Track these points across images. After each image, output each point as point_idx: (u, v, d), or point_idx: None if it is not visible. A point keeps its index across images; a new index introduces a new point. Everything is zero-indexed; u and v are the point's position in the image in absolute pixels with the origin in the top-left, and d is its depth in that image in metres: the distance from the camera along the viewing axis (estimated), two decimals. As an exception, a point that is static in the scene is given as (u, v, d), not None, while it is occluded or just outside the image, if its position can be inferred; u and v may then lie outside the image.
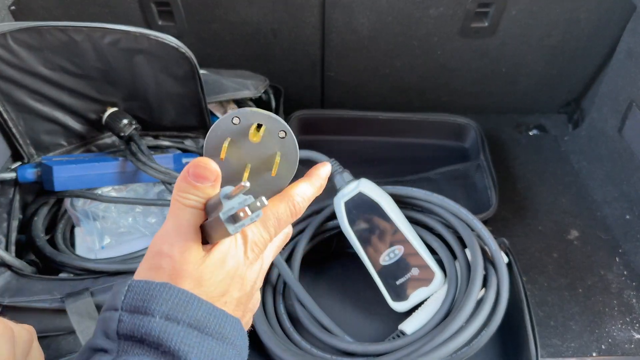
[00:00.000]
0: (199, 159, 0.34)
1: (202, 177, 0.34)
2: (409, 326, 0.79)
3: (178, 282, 0.31)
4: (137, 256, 0.83)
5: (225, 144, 0.35)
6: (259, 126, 0.35)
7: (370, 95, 1.25)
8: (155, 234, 0.34)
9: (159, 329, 0.28)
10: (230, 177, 0.36)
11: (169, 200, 0.95)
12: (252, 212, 0.31)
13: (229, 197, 0.32)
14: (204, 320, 0.29)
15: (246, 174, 0.36)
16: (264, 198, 0.31)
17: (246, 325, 0.38)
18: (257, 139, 0.35)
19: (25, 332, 0.39)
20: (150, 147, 0.94)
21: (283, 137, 0.36)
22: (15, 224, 0.84)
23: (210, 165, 0.34)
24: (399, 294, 0.83)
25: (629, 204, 0.98)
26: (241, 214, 0.31)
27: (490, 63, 1.15)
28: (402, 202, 0.90)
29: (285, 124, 0.36)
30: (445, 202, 0.88)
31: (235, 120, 0.35)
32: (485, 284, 0.80)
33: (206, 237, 0.35)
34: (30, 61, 0.79)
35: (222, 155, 0.35)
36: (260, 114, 0.35)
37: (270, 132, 0.35)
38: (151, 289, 0.29)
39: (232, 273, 0.34)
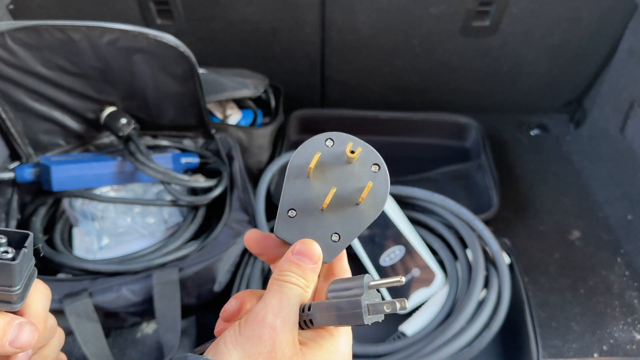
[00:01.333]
0: (306, 240, 0.34)
1: (306, 255, 0.33)
2: (409, 327, 0.79)
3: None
4: (135, 257, 0.83)
5: (317, 156, 0.32)
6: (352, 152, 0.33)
7: (370, 95, 1.24)
8: (257, 305, 0.32)
9: None
10: (309, 200, 0.33)
11: (168, 201, 0.95)
12: (395, 309, 0.28)
13: (369, 287, 0.30)
14: None
15: (329, 198, 0.32)
16: (406, 301, 0.29)
17: None
18: (355, 155, 0.32)
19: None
20: (149, 147, 0.94)
21: (375, 172, 0.33)
22: (13, 224, 0.84)
23: (315, 247, 0.33)
24: (400, 294, 0.82)
25: (630, 204, 0.98)
26: (385, 308, 0.29)
27: (491, 62, 1.14)
28: (403, 202, 0.90)
29: (381, 157, 0.34)
30: (446, 202, 0.87)
31: (329, 143, 0.33)
32: (486, 284, 0.79)
33: (308, 319, 0.32)
34: (28, 60, 0.79)
35: (312, 165, 0.32)
36: (356, 140, 0.33)
37: (363, 162, 0.33)
38: None
39: None
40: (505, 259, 0.81)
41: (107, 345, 0.77)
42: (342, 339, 0.33)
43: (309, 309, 0.32)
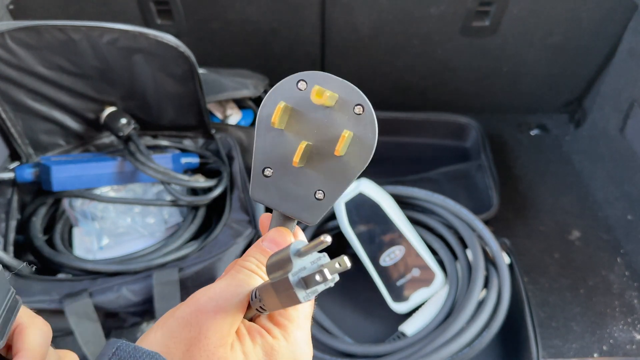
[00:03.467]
0: (281, 228, 0.30)
1: (277, 243, 0.30)
2: (409, 327, 0.79)
3: (194, 352, 0.26)
4: (135, 257, 0.83)
5: (280, 106, 0.27)
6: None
7: (370, 95, 1.22)
8: (206, 286, 0.29)
9: None
10: (284, 155, 0.28)
11: (168, 201, 0.95)
12: (331, 275, 0.24)
13: (300, 254, 0.25)
14: None
15: (299, 152, 0.27)
16: (345, 258, 0.25)
17: None
18: (322, 99, 0.27)
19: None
20: (149, 147, 0.94)
21: (359, 114, 0.28)
22: (13, 224, 0.84)
23: (287, 235, 0.30)
24: (400, 294, 0.83)
25: (630, 204, 0.98)
26: (317, 277, 0.24)
27: (491, 62, 1.14)
28: (403, 202, 0.90)
29: (364, 97, 0.28)
30: (446, 202, 0.87)
31: (301, 85, 0.28)
32: (486, 284, 0.79)
33: (259, 306, 0.28)
34: (28, 60, 0.79)
35: (274, 119, 0.27)
36: (333, 79, 0.28)
37: (343, 105, 0.27)
38: (137, 355, 0.25)
39: None
40: (505, 259, 0.81)
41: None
42: (287, 341, 0.28)
43: (257, 295, 0.28)
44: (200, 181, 0.90)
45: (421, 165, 1.11)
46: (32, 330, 0.31)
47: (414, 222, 0.88)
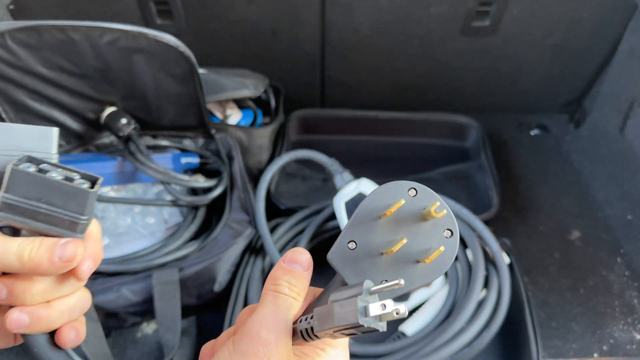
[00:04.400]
0: (297, 248, 0.34)
1: (297, 262, 0.33)
2: (409, 327, 0.79)
3: None
4: (135, 257, 0.83)
5: (401, 202, 0.31)
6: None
7: (370, 95, 1.24)
8: (250, 318, 0.32)
9: None
10: (373, 241, 0.32)
11: (168, 201, 0.95)
12: (395, 315, 0.27)
13: (369, 289, 0.29)
14: None
15: (398, 246, 0.31)
16: (404, 306, 0.28)
17: None
18: (438, 215, 0.31)
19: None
20: (149, 147, 0.94)
21: (447, 237, 0.32)
22: (13, 224, 0.84)
23: (306, 254, 0.34)
24: (400, 294, 0.82)
25: (630, 204, 0.98)
26: (381, 307, 0.27)
27: (491, 62, 1.14)
28: (403, 202, 0.90)
29: (456, 224, 0.32)
30: (446, 202, 0.87)
31: (411, 192, 0.32)
32: (486, 284, 0.79)
33: (305, 328, 0.31)
34: (28, 60, 0.79)
35: (391, 209, 0.31)
36: (439, 199, 0.32)
37: (437, 224, 0.32)
38: None
39: None
40: (505, 259, 0.81)
41: (107, 345, 0.77)
42: (335, 353, 0.32)
43: (312, 318, 0.31)
44: (200, 181, 0.90)
45: (421, 165, 1.11)
46: (93, 222, 0.35)
47: (414, 222, 0.88)
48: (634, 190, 0.98)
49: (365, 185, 0.85)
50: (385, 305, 0.28)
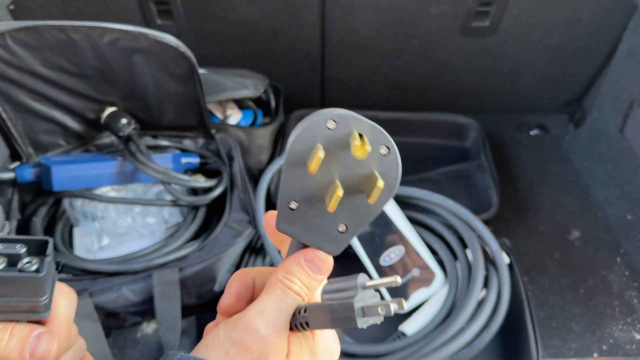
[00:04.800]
0: (319, 251, 0.32)
1: (318, 267, 0.32)
2: (409, 327, 0.79)
3: None
4: (136, 257, 0.83)
5: (320, 155, 0.28)
6: (360, 136, 0.29)
7: (370, 95, 1.24)
8: (251, 307, 0.31)
9: None
10: (312, 191, 0.30)
11: (168, 201, 0.95)
12: (390, 311, 0.27)
13: (364, 286, 0.28)
14: None
15: (335, 200, 0.29)
16: (404, 302, 0.27)
17: None
18: (362, 154, 0.28)
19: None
20: (149, 147, 0.94)
21: (385, 155, 0.29)
22: (13, 224, 0.84)
23: (330, 260, 0.32)
24: (400, 294, 0.83)
25: (630, 204, 0.98)
26: (380, 311, 0.27)
27: (491, 62, 1.14)
28: (403, 202, 0.90)
29: (390, 139, 0.29)
30: (446, 202, 0.87)
31: (331, 125, 0.28)
32: (486, 284, 0.79)
33: (300, 322, 0.30)
34: (29, 60, 0.79)
35: (314, 167, 0.28)
36: (363, 121, 0.29)
37: (370, 144, 0.29)
38: None
39: None
40: (504, 258, 0.81)
41: (107, 345, 0.77)
42: (325, 338, 0.32)
43: (305, 311, 0.30)
44: (200, 181, 0.90)
45: (421, 165, 1.11)
46: (60, 300, 0.32)
47: (414, 222, 0.88)
48: (633, 190, 0.98)
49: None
50: (383, 308, 0.27)
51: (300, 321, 0.30)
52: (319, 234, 0.31)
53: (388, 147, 0.29)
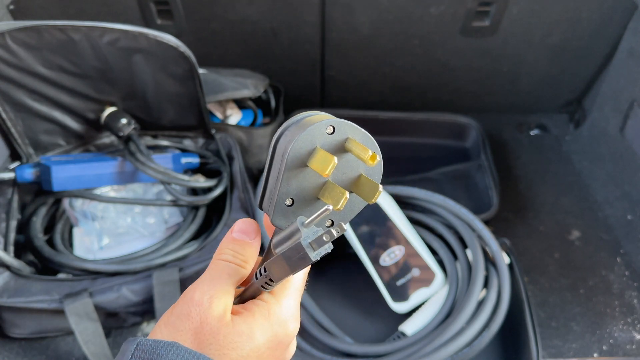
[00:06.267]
0: (245, 219, 0.35)
1: (245, 232, 0.35)
2: (409, 327, 0.79)
3: (201, 337, 0.30)
4: (136, 257, 0.83)
5: (335, 162, 0.30)
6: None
7: (370, 95, 1.24)
8: (194, 283, 0.33)
9: None
10: (306, 189, 0.33)
11: (168, 201, 0.95)
12: (333, 235, 0.29)
13: (305, 226, 0.30)
14: None
15: (344, 200, 0.31)
16: (342, 224, 0.29)
17: None
18: (374, 161, 0.31)
19: None
20: (149, 147, 0.94)
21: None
22: (13, 224, 0.84)
23: (252, 224, 0.36)
24: (400, 294, 0.83)
25: (630, 204, 0.98)
26: (325, 238, 0.29)
27: (491, 62, 1.14)
28: (403, 202, 0.90)
29: (377, 144, 0.33)
30: (446, 202, 0.87)
31: (329, 130, 0.31)
32: (486, 284, 0.79)
33: (265, 282, 0.33)
34: (28, 60, 0.79)
35: (329, 172, 0.30)
36: (357, 129, 0.32)
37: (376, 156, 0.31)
38: (159, 348, 0.28)
39: (262, 349, 0.32)
40: (505, 259, 0.81)
41: (107, 345, 0.77)
42: (282, 309, 0.34)
43: (265, 270, 0.33)
44: (200, 181, 0.90)
45: (421, 165, 1.11)
46: None
47: (414, 222, 0.88)
48: (633, 190, 0.98)
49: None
50: (327, 236, 0.29)
51: (265, 280, 0.33)
52: None
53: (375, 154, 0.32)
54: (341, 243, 0.87)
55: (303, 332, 0.80)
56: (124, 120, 0.88)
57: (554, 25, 1.05)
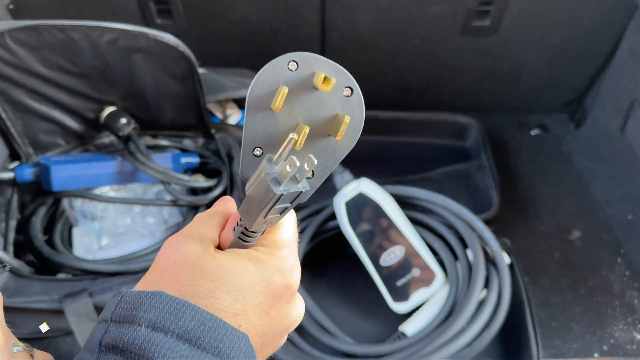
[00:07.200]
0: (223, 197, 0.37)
1: (221, 201, 0.36)
2: (409, 327, 0.79)
3: (178, 271, 0.29)
4: (135, 257, 0.83)
5: (284, 91, 0.27)
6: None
7: (370, 94, 1.23)
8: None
9: (143, 338, 0.25)
10: (277, 135, 0.29)
11: (168, 201, 0.95)
12: (295, 163, 0.26)
13: (272, 161, 0.28)
14: (196, 331, 0.26)
15: (302, 138, 0.28)
16: (312, 156, 0.26)
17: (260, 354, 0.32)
18: (328, 86, 0.27)
19: None
20: (149, 147, 0.93)
21: (348, 96, 0.29)
22: (13, 224, 0.84)
23: (230, 199, 0.36)
24: (400, 294, 0.82)
25: (631, 204, 0.98)
26: (288, 168, 0.26)
27: (491, 62, 1.14)
28: (403, 202, 0.90)
29: (353, 79, 0.29)
30: (446, 202, 0.87)
31: (292, 66, 0.28)
32: (486, 284, 0.79)
33: (241, 232, 0.31)
34: (28, 60, 0.79)
35: (278, 104, 0.27)
36: (324, 61, 0.28)
37: (333, 87, 0.28)
38: (142, 297, 0.27)
39: (251, 292, 0.30)
40: (505, 259, 0.81)
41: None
42: (271, 254, 0.32)
43: (241, 220, 0.31)
44: (200, 181, 0.90)
45: (421, 165, 1.11)
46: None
47: (414, 222, 0.88)
48: (634, 190, 0.97)
49: (366, 185, 0.85)
50: (290, 165, 0.26)
51: (241, 230, 0.31)
52: None
53: (351, 88, 0.29)
54: (341, 243, 0.87)
55: (303, 332, 0.79)
56: (123, 120, 0.88)
57: (554, 24, 1.05)
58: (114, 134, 0.89)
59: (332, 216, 0.88)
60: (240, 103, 1.09)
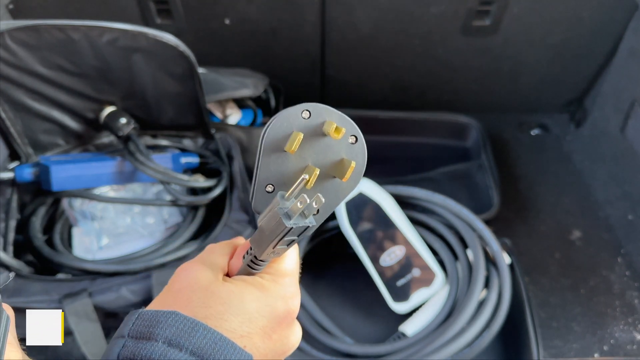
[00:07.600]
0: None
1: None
2: (409, 327, 0.79)
3: (191, 295, 0.32)
4: (135, 257, 0.83)
5: (300, 137, 0.31)
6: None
7: (370, 94, 1.24)
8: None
9: (160, 353, 0.28)
10: (288, 175, 0.33)
11: (167, 201, 0.95)
12: (306, 200, 0.29)
13: (284, 197, 0.31)
14: (207, 349, 0.29)
15: (313, 178, 0.31)
16: (320, 195, 0.30)
17: None
18: (338, 134, 0.31)
19: None
20: (149, 147, 0.93)
21: (353, 143, 0.32)
22: (12, 224, 0.84)
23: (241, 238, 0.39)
24: (400, 295, 0.82)
25: (631, 204, 0.98)
26: (299, 204, 0.29)
27: (492, 61, 1.14)
28: (403, 202, 0.89)
29: (358, 128, 0.32)
30: (446, 202, 0.87)
31: (305, 114, 0.32)
32: (487, 284, 0.79)
33: (250, 260, 0.34)
34: (28, 60, 0.79)
35: (294, 147, 0.31)
36: (334, 112, 0.32)
37: (342, 132, 0.32)
38: (159, 315, 0.29)
39: (256, 316, 0.32)
40: (505, 259, 0.81)
41: (106, 345, 0.77)
42: (275, 282, 0.34)
43: (251, 249, 0.33)
44: (200, 181, 0.90)
45: (421, 165, 1.11)
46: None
47: (414, 222, 0.88)
48: (634, 190, 0.97)
49: (366, 185, 0.85)
50: (301, 202, 0.29)
51: (250, 258, 0.34)
52: None
53: (356, 137, 0.33)
54: (341, 243, 0.86)
55: (303, 332, 0.79)
56: (123, 120, 0.88)
57: (554, 24, 1.05)
58: (113, 133, 0.89)
59: (332, 216, 0.88)
60: (240, 103, 1.09)
